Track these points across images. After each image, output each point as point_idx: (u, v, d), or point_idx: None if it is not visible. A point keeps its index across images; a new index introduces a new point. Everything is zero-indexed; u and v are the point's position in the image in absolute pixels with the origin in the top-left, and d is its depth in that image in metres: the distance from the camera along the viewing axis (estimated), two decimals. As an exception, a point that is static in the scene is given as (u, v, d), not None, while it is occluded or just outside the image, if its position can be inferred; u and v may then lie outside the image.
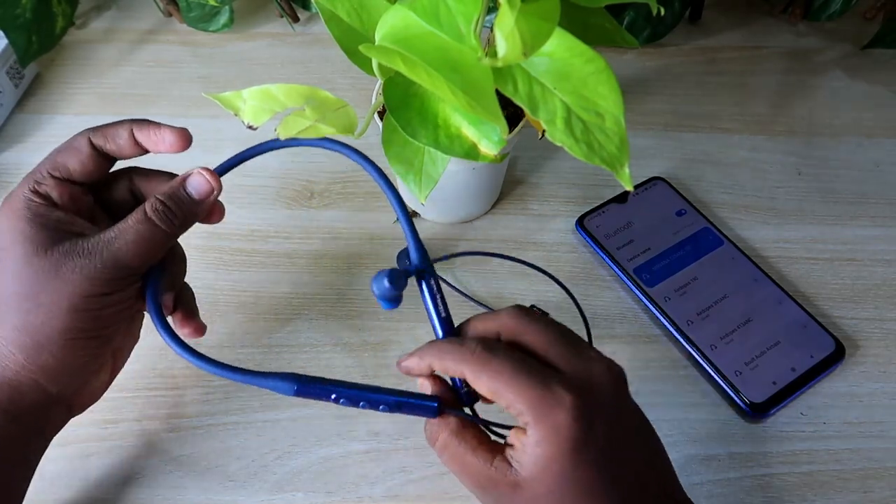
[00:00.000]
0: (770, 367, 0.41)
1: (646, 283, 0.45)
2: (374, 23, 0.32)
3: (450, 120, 0.36)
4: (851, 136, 0.57)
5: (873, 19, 0.65)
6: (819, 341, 0.43)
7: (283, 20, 0.65)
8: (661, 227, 0.47)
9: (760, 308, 0.44)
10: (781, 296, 0.44)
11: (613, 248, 0.46)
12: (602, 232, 0.47)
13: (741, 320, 0.43)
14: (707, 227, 0.47)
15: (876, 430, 0.42)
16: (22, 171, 0.54)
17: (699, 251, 0.46)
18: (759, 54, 0.63)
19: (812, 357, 0.42)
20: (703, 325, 0.43)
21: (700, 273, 0.45)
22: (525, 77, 0.33)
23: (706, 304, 0.44)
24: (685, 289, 0.44)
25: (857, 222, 0.52)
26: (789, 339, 0.42)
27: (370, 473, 0.40)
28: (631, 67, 0.62)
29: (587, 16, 0.37)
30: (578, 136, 0.33)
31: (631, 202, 0.49)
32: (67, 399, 0.33)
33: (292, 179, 0.54)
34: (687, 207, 0.48)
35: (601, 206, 0.48)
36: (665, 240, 0.47)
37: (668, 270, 0.45)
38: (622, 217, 0.48)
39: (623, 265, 0.45)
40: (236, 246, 0.50)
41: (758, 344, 0.42)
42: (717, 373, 0.41)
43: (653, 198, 0.49)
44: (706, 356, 0.42)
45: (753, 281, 0.45)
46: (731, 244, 0.46)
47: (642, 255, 0.46)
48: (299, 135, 0.35)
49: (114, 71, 0.61)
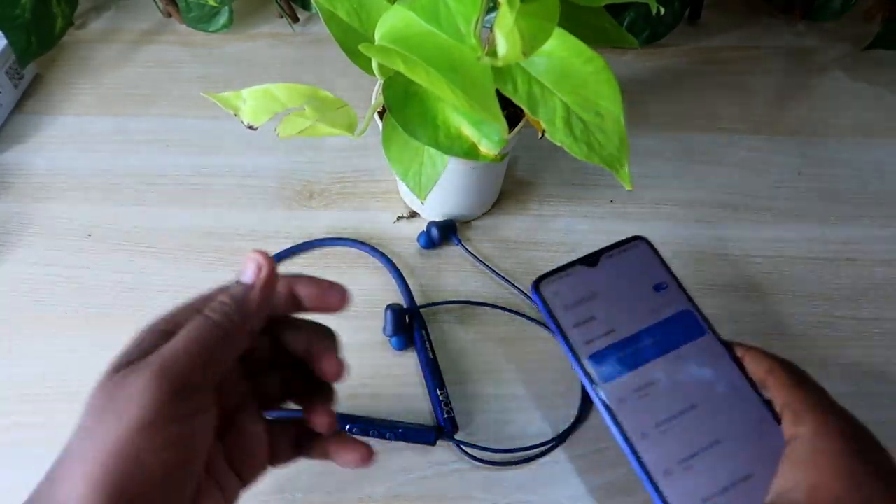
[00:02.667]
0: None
1: (600, 376, 0.34)
2: (373, 23, 0.32)
3: (450, 120, 0.36)
4: (851, 136, 0.57)
5: (873, 19, 0.65)
6: None
7: (283, 20, 0.65)
8: (632, 303, 0.36)
9: (735, 426, 0.32)
10: (765, 413, 0.32)
11: (569, 326, 0.35)
12: (560, 301, 0.36)
13: (709, 441, 0.32)
14: (688, 311, 0.36)
15: (876, 430, 0.42)
16: (22, 172, 0.54)
17: (673, 341, 0.35)
18: (759, 54, 0.63)
19: None
20: (661, 441, 0.32)
21: (669, 371, 0.34)
22: (525, 77, 0.33)
23: (669, 413, 0.33)
24: (647, 390, 0.33)
25: (857, 222, 0.52)
26: (766, 472, 0.30)
27: (370, 473, 0.40)
28: (631, 67, 0.62)
29: (587, 16, 0.37)
30: (578, 136, 0.33)
31: (602, 266, 0.37)
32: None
33: (292, 179, 0.54)
34: (668, 280, 0.37)
35: (566, 266, 0.37)
36: (634, 321, 0.36)
37: (630, 363, 0.34)
38: (588, 284, 0.37)
39: (576, 348, 0.34)
40: (236, 246, 0.50)
41: (724, 475, 0.31)
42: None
43: (629, 263, 0.38)
44: (656, 485, 0.31)
45: (734, 389, 0.33)
46: (713, 335, 0.35)
47: (603, 338, 0.35)
48: (299, 135, 0.35)
49: (113, 71, 0.61)
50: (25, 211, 0.51)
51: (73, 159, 0.55)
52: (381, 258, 0.48)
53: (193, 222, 0.51)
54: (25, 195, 0.52)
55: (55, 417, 0.42)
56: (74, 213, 0.51)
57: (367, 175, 0.54)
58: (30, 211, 0.51)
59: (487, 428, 0.42)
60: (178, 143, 0.56)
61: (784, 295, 0.48)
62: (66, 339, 0.45)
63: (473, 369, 0.44)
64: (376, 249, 0.49)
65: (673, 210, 0.52)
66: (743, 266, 0.49)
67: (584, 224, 0.51)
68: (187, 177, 0.54)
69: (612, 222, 0.51)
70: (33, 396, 0.43)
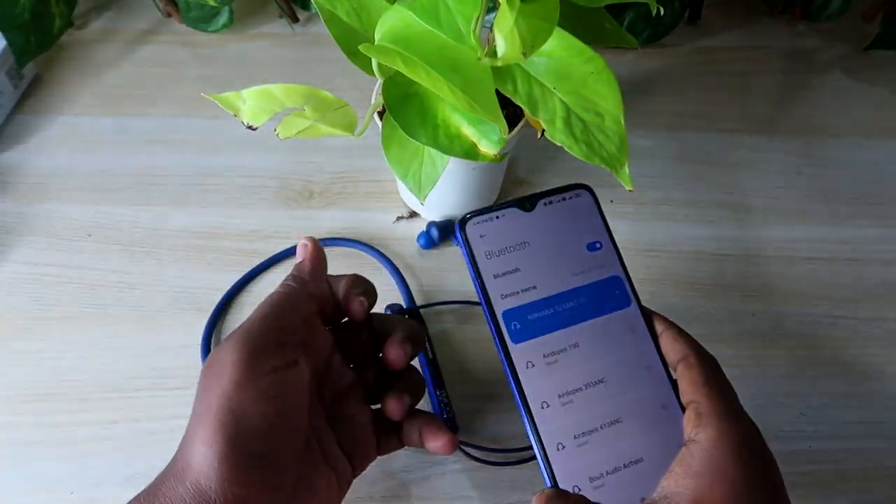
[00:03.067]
0: (618, 492, 0.29)
1: (512, 335, 0.31)
2: (373, 23, 0.32)
3: (449, 120, 0.36)
4: (851, 136, 0.57)
5: (872, 19, 0.65)
6: None
7: (283, 20, 0.65)
8: (561, 259, 0.33)
9: (638, 407, 0.31)
10: (671, 399, 0.31)
11: (489, 275, 0.32)
12: (485, 246, 0.33)
13: (610, 418, 0.31)
14: (617, 277, 0.33)
15: (876, 431, 0.42)
16: (22, 172, 0.54)
17: (596, 308, 0.32)
18: (759, 54, 0.63)
19: None
20: (561, 413, 0.30)
21: (584, 339, 0.32)
22: (524, 77, 0.33)
23: (575, 384, 0.31)
24: (557, 357, 0.31)
25: (857, 222, 0.52)
26: (655, 459, 0.29)
27: (370, 473, 0.40)
28: (631, 67, 0.62)
29: (587, 16, 0.37)
30: (578, 136, 0.33)
31: (538, 212, 0.34)
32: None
33: (292, 179, 0.54)
34: (604, 240, 0.34)
35: (498, 207, 0.33)
36: (559, 280, 0.33)
37: (546, 325, 0.32)
38: (519, 231, 0.33)
39: (492, 301, 0.32)
40: (236, 246, 0.50)
41: (616, 456, 0.30)
42: (553, 483, 0.29)
43: (568, 213, 0.34)
44: (547, 458, 0.29)
45: (645, 368, 0.31)
46: (637, 307, 0.33)
47: (522, 294, 0.32)
48: (299, 135, 0.35)
49: (113, 71, 0.61)
50: (25, 211, 0.51)
51: (73, 159, 0.55)
52: (380, 258, 0.48)
53: (193, 222, 0.51)
54: (25, 195, 0.52)
55: (55, 417, 0.42)
56: (74, 213, 0.51)
57: (367, 175, 0.54)
58: (30, 211, 0.51)
59: (487, 428, 0.42)
60: (178, 143, 0.56)
61: (784, 295, 0.48)
62: (66, 339, 0.45)
63: (473, 369, 0.44)
64: (376, 249, 0.49)
65: (673, 210, 0.52)
66: (743, 266, 0.49)
67: (584, 224, 0.51)
68: (187, 177, 0.54)
69: (612, 222, 0.51)
70: (33, 396, 0.43)
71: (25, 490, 0.40)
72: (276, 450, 0.28)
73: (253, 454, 0.27)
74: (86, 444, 0.41)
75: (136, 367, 0.44)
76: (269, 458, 0.28)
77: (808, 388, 0.44)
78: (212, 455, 0.26)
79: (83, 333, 0.45)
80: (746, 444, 0.27)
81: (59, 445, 0.41)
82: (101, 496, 0.40)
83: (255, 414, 0.28)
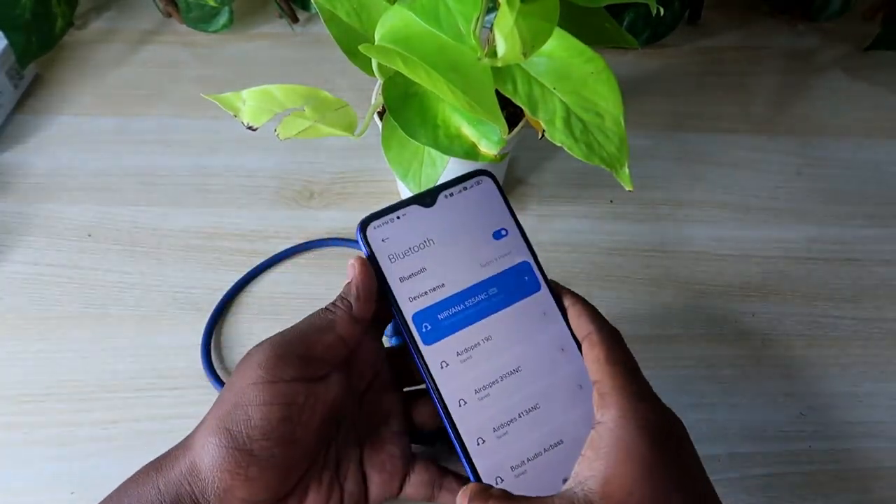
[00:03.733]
0: (539, 477, 0.29)
1: (423, 336, 0.31)
2: (373, 23, 0.32)
3: (449, 120, 0.36)
4: (851, 136, 0.57)
5: (872, 20, 0.65)
6: None
7: (283, 21, 0.65)
8: (467, 252, 0.32)
9: (555, 390, 0.31)
10: (585, 378, 0.30)
11: (395, 279, 0.31)
12: (387, 248, 0.32)
13: (527, 405, 0.30)
14: (526, 263, 0.32)
15: (876, 430, 0.42)
16: (22, 172, 0.54)
17: (507, 297, 0.32)
18: (759, 54, 0.63)
19: None
20: (479, 408, 0.30)
21: (497, 331, 0.31)
22: (524, 77, 0.33)
23: (491, 377, 0.30)
24: (471, 352, 0.31)
25: (857, 222, 0.52)
26: (574, 440, 0.29)
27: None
28: (631, 68, 0.62)
29: (587, 16, 0.37)
30: (578, 136, 0.33)
31: (440, 206, 0.33)
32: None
33: (292, 179, 0.54)
34: (510, 226, 0.33)
35: (398, 206, 0.32)
36: (467, 274, 0.32)
37: (458, 322, 0.31)
38: (422, 228, 0.32)
39: (401, 306, 0.31)
40: (236, 246, 0.50)
41: (537, 441, 0.30)
42: (476, 478, 0.29)
43: (470, 203, 0.33)
44: (468, 453, 0.29)
45: (560, 351, 0.31)
46: (548, 292, 0.32)
47: (431, 293, 0.31)
48: (299, 135, 0.35)
49: (113, 71, 0.61)
50: (25, 211, 0.51)
51: (73, 159, 0.55)
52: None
53: (193, 222, 0.51)
54: (25, 195, 0.52)
55: (55, 417, 0.42)
56: (74, 213, 0.51)
57: (367, 175, 0.54)
58: (30, 211, 0.51)
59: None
60: (178, 143, 0.56)
61: (784, 295, 0.48)
62: (66, 339, 0.45)
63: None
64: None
65: (673, 210, 0.52)
66: (743, 266, 0.49)
67: (584, 224, 0.51)
68: (187, 177, 0.54)
69: (611, 222, 0.51)
70: (33, 396, 0.43)
71: (25, 490, 0.40)
72: (273, 454, 0.28)
73: (250, 451, 0.28)
74: (86, 444, 0.41)
75: (136, 367, 0.44)
76: (265, 459, 0.28)
77: (808, 388, 0.44)
78: (212, 442, 0.28)
79: (83, 333, 0.45)
80: (651, 422, 0.27)
81: (59, 445, 0.41)
82: (101, 496, 0.40)
83: (259, 414, 0.28)
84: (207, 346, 0.45)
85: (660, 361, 0.44)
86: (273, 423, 0.28)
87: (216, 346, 0.45)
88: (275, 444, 0.28)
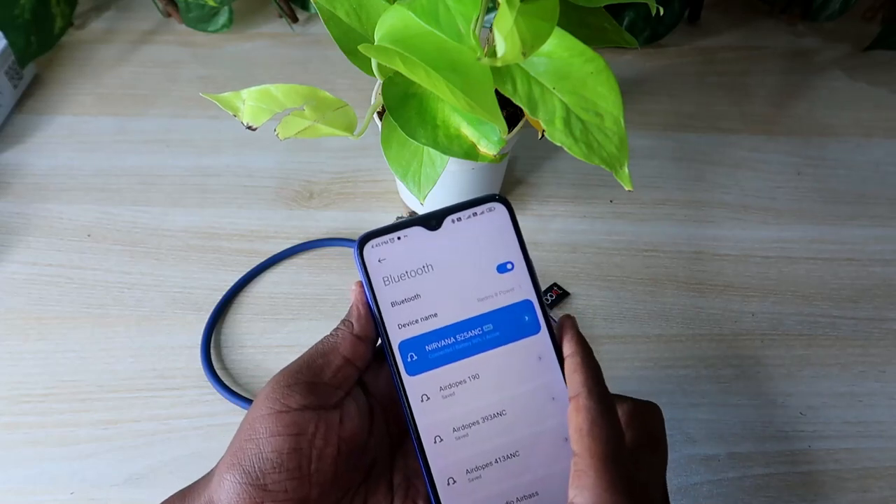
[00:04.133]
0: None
1: (407, 366, 0.29)
2: (373, 23, 0.32)
3: (449, 120, 0.36)
4: (851, 136, 0.57)
5: (872, 20, 0.65)
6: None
7: (283, 20, 0.65)
8: (467, 283, 0.30)
9: (538, 440, 0.29)
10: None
11: (386, 304, 0.30)
12: (384, 271, 0.30)
13: (506, 452, 0.29)
14: (528, 302, 0.30)
15: (876, 430, 0.42)
16: (22, 172, 0.54)
17: (501, 336, 0.30)
18: (759, 54, 0.63)
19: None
20: (454, 448, 0.29)
21: (486, 370, 0.30)
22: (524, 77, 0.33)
23: (472, 418, 0.29)
24: (455, 389, 0.29)
25: (857, 222, 0.52)
26: (551, 495, 0.29)
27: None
28: (631, 68, 0.62)
29: (587, 16, 0.37)
30: (578, 136, 0.33)
31: (445, 230, 0.31)
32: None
33: (292, 179, 0.54)
34: (517, 259, 0.31)
35: (401, 226, 0.31)
36: (462, 307, 0.30)
37: (445, 356, 0.30)
38: (422, 252, 0.30)
39: (388, 332, 0.30)
40: (236, 246, 0.50)
41: (510, 490, 0.29)
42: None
43: (478, 231, 0.31)
44: (436, 492, 0.28)
45: (551, 400, 0.29)
46: (548, 335, 0.30)
47: (421, 323, 0.30)
48: (299, 135, 0.35)
49: (113, 71, 0.61)
50: (25, 211, 0.51)
51: (72, 159, 0.55)
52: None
53: (193, 222, 0.51)
54: (25, 195, 0.52)
55: (55, 417, 0.42)
56: (74, 213, 0.51)
57: (367, 175, 0.54)
58: (30, 211, 0.51)
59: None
60: (178, 143, 0.56)
61: (784, 295, 0.48)
62: (66, 339, 0.45)
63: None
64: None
65: (673, 210, 0.52)
66: (743, 266, 0.49)
67: (583, 224, 0.51)
68: (187, 177, 0.54)
69: (611, 222, 0.51)
70: (33, 396, 0.43)
71: (25, 490, 0.40)
72: (286, 488, 0.27)
73: (264, 486, 0.27)
74: (86, 444, 0.41)
75: (136, 367, 0.44)
76: (279, 494, 0.27)
77: (808, 388, 0.44)
78: (228, 479, 0.27)
79: (83, 333, 0.45)
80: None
81: (59, 445, 0.41)
82: (101, 496, 0.40)
83: (270, 447, 0.28)
84: (207, 346, 0.45)
85: (660, 361, 0.44)
86: (284, 455, 0.27)
87: (216, 346, 0.45)
88: (287, 478, 0.27)
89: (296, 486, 0.27)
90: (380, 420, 0.31)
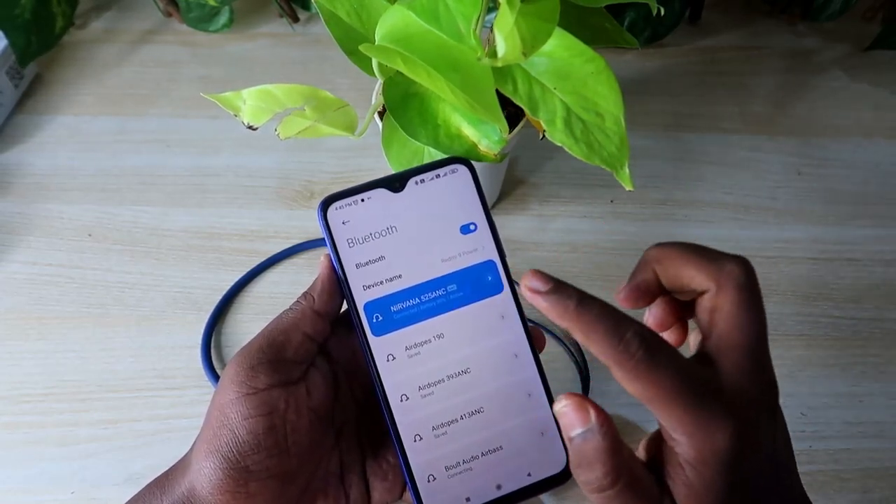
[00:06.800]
0: (474, 480, 0.29)
1: (373, 327, 0.30)
2: (373, 23, 0.32)
3: (450, 120, 0.36)
4: (851, 137, 0.57)
5: (872, 20, 0.65)
6: (548, 457, 0.30)
7: (283, 20, 0.65)
8: (430, 244, 0.31)
9: (502, 396, 0.30)
10: (536, 386, 0.30)
11: (351, 265, 0.30)
12: (347, 233, 0.31)
13: (471, 408, 0.30)
14: (491, 262, 0.31)
15: (876, 430, 0.42)
16: (22, 172, 0.54)
17: (465, 296, 0.31)
18: (759, 54, 0.63)
19: (529, 476, 0.30)
20: (420, 405, 0.30)
21: (450, 329, 0.30)
22: (525, 77, 0.33)
23: (437, 376, 0.30)
24: (420, 348, 0.30)
25: (857, 222, 0.52)
26: (514, 447, 0.30)
27: None
28: (631, 68, 0.62)
29: (587, 16, 0.37)
30: (578, 136, 0.33)
31: (408, 192, 0.31)
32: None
33: (292, 179, 0.54)
34: (480, 220, 0.31)
35: (364, 187, 0.31)
36: (426, 267, 0.31)
37: (410, 316, 0.30)
38: (386, 214, 0.31)
39: (353, 293, 0.30)
40: (236, 246, 0.50)
41: (475, 444, 0.30)
42: (408, 472, 0.29)
43: (441, 192, 0.31)
44: (403, 448, 0.29)
45: (513, 357, 0.30)
46: (511, 294, 0.31)
47: (386, 284, 0.30)
48: (299, 135, 0.35)
49: (113, 71, 0.61)
50: (25, 211, 0.51)
51: (73, 159, 0.55)
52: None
53: (193, 222, 0.51)
54: (25, 195, 0.52)
55: (55, 417, 0.42)
56: (74, 213, 0.51)
57: (367, 175, 0.54)
58: (30, 211, 0.51)
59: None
60: (178, 143, 0.56)
61: (784, 295, 0.48)
62: (66, 339, 0.45)
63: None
64: None
65: (673, 210, 0.52)
66: (743, 266, 0.49)
67: (584, 224, 0.51)
68: (187, 177, 0.54)
69: (612, 222, 0.51)
70: (33, 396, 0.43)
71: (25, 490, 0.40)
72: (268, 466, 0.28)
73: (246, 468, 0.27)
74: (86, 444, 0.41)
75: (136, 367, 0.44)
76: (262, 472, 0.28)
77: (808, 388, 0.44)
78: (207, 466, 0.27)
79: (83, 333, 0.45)
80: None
81: (59, 445, 0.41)
82: (101, 496, 0.40)
83: (244, 430, 0.28)
84: (207, 346, 0.45)
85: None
86: (260, 436, 0.28)
87: (216, 346, 0.45)
88: (267, 456, 0.28)
89: (276, 462, 0.28)
90: (344, 385, 0.32)
